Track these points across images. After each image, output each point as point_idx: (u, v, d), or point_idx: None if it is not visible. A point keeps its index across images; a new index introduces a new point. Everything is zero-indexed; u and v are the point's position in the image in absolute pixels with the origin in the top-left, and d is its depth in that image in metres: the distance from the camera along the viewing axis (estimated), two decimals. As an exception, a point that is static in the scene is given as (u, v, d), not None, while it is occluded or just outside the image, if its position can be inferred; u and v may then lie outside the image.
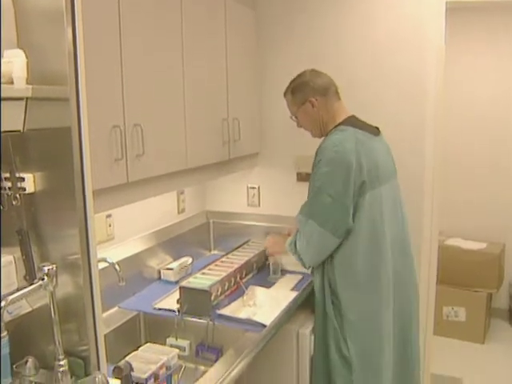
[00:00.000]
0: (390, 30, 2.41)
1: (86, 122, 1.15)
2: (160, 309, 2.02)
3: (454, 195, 3.90)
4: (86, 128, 1.15)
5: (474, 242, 3.83)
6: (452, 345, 3.62)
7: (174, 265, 2.35)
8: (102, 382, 1.13)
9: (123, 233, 2.18)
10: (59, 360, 1.19)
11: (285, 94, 2.09)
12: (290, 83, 2.07)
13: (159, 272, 2.36)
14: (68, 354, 1.22)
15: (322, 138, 1.99)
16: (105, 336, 1.30)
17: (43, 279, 1.14)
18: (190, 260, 2.45)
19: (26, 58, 1.03)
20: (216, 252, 2.83)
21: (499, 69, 3.90)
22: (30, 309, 1.25)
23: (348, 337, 1.91)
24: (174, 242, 2.50)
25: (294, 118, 2.09)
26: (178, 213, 2.61)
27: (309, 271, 2.11)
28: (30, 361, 1.23)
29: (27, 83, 1.07)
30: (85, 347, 1.22)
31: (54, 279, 1.17)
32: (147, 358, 1.42)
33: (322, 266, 1.96)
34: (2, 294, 1.20)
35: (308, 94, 1.99)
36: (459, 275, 3.66)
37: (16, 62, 1.00)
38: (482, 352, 3.60)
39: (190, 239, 2.67)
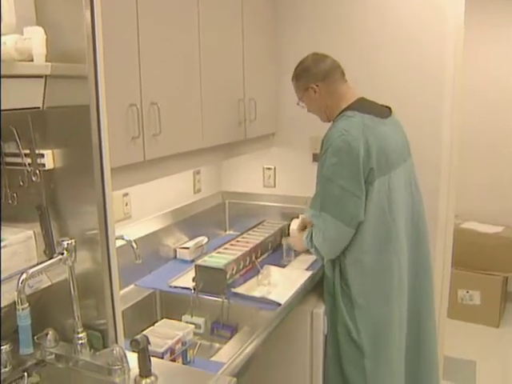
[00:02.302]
0: (410, 11, 2.37)
1: (104, 100, 1.16)
2: (176, 287, 2.05)
3: (470, 178, 3.86)
4: (104, 106, 1.16)
5: (490, 226, 3.81)
6: (466, 328, 3.62)
7: (190, 244, 2.38)
8: (120, 355, 1.16)
9: (140, 212, 2.21)
10: (78, 333, 1.23)
11: (292, 80, 2.08)
12: (295, 69, 2.05)
13: (175, 251, 2.39)
14: (86, 327, 1.25)
15: (331, 123, 1.97)
16: (122, 311, 1.33)
17: (62, 253, 1.17)
18: (206, 239, 2.47)
19: (46, 34, 1.04)
20: (231, 232, 2.85)
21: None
22: (50, 283, 1.28)
23: (359, 322, 1.90)
24: (189, 221, 2.52)
25: (301, 103, 2.07)
26: (194, 193, 2.63)
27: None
28: (51, 333, 1.27)
29: (46, 61, 1.08)
30: (103, 321, 1.25)
31: (73, 254, 1.19)
32: (163, 333, 1.45)
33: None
34: (22, 267, 1.24)
35: (309, 80, 1.97)
36: (475, 259, 3.64)
37: (35, 39, 1.01)
38: (497, 336, 3.59)
39: (206, 219, 2.69)
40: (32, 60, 1.07)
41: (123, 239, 1.79)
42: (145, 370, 1.14)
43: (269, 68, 2.55)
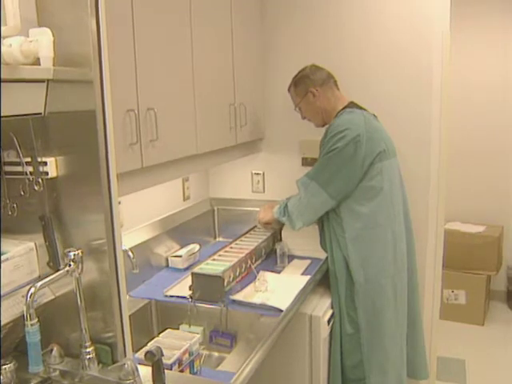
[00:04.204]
0: (395, 16, 2.38)
1: (110, 105, 1.12)
2: (172, 296, 2.00)
3: (453, 179, 3.91)
4: (110, 111, 1.12)
5: (472, 225, 3.86)
6: (453, 327, 3.65)
7: (182, 252, 2.33)
8: (132, 368, 1.12)
9: (131, 220, 2.16)
10: (86, 347, 1.18)
11: (289, 89, 2.28)
12: (293, 78, 2.24)
13: (167, 259, 2.35)
14: (94, 341, 1.20)
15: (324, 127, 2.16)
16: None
17: (70, 265, 1.12)
18: (198, 247, 2.43)
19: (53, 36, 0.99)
20: (221, 239, 2.82)
21: (502, 55, 3.88)
22: (53, 296, 1.23)
23: (356, 298, 2.07)
24: (179, 229, 2.48)
25: (298, 109, 2.26)
26: (184, 200, 2.59)
27: (319, 248, 2.26)
28: (55, 349, 1.21)
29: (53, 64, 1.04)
30: (111, 334, 1.20)
31: (80, 265, 1.15)
32: (169, 344, 1.40)
33: (335, 237, 2.11)
34: (24, 281, 1.19)
35: (308, 85, 2.17)
36: (459, 258, 3.69)
37: (42, 41, 0.96)
38: (483, 334, 3.64)
39: (195, 226, 2.65)
40: (36, 64, 1.02)
41: (119, 249, 1.75)
42: (159, 383, 1.10)
43: (257, 73, 2.54)
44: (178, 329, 1.91)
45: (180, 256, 2.31)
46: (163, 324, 1.99)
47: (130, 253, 1.74)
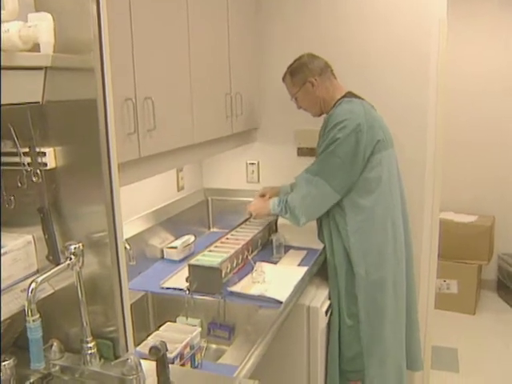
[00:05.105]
0: (392, 5, 2.36)
1: (111, 94, 1.08)
2: (168, 288, 1.98)
3: (446, 169, 3.91)
4: (111, 99, 1.08)
5: (465, 215, 3.88)
6: (445, 317, 3.68)
7: (177, 243, 2.31)
8: (135, 363, 1.10)
9: (125, 212, 2.11)
10: (87, 342, 1.15)
11: (283, 78, 2.21)
12: (289, 67, 2.17)
13: (162, 251, 2.32)
14: (95, 336, 1.17)
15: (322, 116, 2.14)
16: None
17: (70, 258, 1.09)
18: (193, 238, 2.41)
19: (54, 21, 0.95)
20: (215, 230, 2.80)
21: (502, 44, 3.87)
22: (52, 290, 1.19)
23: (357, 291, 2.06)
24: (174, 220, 2.45)
25: (293, 99, 2.20)
26: (178, 190, 2.56)
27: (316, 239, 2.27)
28: (55, 344, 1.19)
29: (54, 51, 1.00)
30: (113, 328, 1.18)
31: (81, 258, 1.12)
32: (170, 338, 1.38)
33: (337, 229, 2.09)
34: (21, 275, 1.15)
35: (307, 74, 2.11)
36: (451, 248, 3.71)
37: (42, 26, 0.92)
38: (474, 323, 3.67)
39: (189, 217, 2.62)
40: (34, 50, 0.98)
41: (115, 241, 1.72)
42: (164, 379, 1.07)
43: (252, 62, 2.51)
44: (175, 321, 1.89)
45: (175, 247, 2.28)
46: (160, 316, 1.97)
47: (127, 245, 1.71)
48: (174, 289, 1.96)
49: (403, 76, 2.39)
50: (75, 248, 1.09)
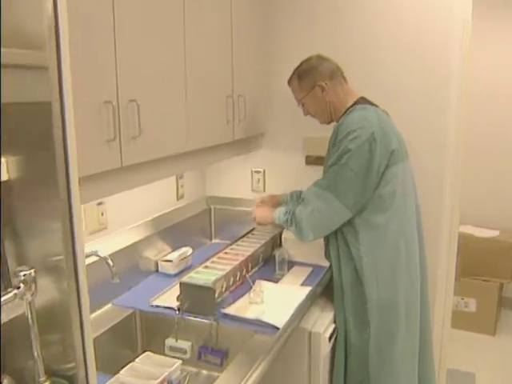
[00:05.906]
0: (411, 4, 2.18)
1: (71, 96, 0.93)
2: (158, 306, 1.82)
3: (465, 181, 3.71)
4: (70, 102, 0.93)
5: (485, 230, 3.66)
6: (462, 337, 3.46)
7: (173, 256, 2.15)
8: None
9: (117, 221, 1.98)
10: (39, 382, 1.00)
11: (289, 82, 2.03)
12: (295, 70, 2.00)
13: (157, 264, 2.17)
14: (51, 373, 1.02)
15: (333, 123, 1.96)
16: (96, 338, 1.11)
17: (19, 287, 0.94)
18: (190, 251, 2.25)
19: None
20: (217, 241, 2.64)
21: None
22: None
23: (369, 316, 1.90)
24: (172, 230, 2.30)
25: (300, 105, 2.03)
26: (177, 199, 2.41)
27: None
28: (6, 381, 1.03)
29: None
30: (71, 365, 1.02)
31: (33, 286, 0.96)
32: (146, 372, 1.22)
33: (347, 248, 1.92)
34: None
35: (317, 78, 1.94)
36: (470, 264, 3.49)
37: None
38: (494, 345, 3.45)
39: (190, 227, 2.46)
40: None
41: (97, 255, 1.58)
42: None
43: (258, 63, 2.34)
44: (162, 343, 1.74)
45: (171, 261, 2.13)
46: (148, 337, 1.82)
47: (110, 261, 1.57)
48: (164, 307, 1.81)
49: (421, 81, 2.21)
50: (25, 275, 0.94)
